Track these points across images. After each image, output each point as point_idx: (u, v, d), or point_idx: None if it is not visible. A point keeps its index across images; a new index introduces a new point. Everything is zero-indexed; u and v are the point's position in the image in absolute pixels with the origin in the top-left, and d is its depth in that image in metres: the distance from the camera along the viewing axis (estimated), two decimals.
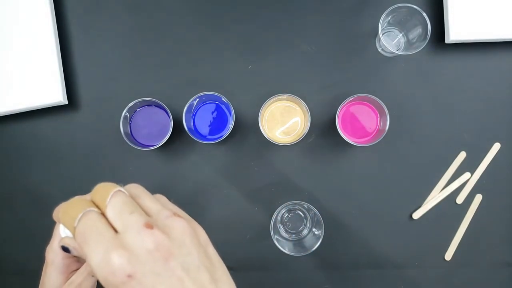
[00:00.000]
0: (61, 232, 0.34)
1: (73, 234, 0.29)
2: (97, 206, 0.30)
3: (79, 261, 0.48)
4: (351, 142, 0.64)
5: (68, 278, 0.43)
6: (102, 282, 0.27)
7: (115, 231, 0.28)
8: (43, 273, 0.45)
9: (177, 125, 0.66)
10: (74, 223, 0.28)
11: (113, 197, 0.29)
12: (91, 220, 0.28)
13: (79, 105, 0.72)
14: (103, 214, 0.29)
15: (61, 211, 0.30)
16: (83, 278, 0.42)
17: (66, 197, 0.75)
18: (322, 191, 0.70)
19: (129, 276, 0.26)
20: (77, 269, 0.44)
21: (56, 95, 0.68)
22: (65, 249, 0.33)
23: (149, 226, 0.28)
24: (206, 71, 0.71)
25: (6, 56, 0.69)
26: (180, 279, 0.27)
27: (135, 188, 0.32)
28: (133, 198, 0.31)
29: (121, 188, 0.30)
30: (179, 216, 0.31)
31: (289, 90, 0.65)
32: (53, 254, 0.41)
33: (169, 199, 0.39)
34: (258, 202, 0.70)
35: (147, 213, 0.30)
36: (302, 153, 0.70)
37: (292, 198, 0.67)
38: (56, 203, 0.74)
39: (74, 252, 0.32)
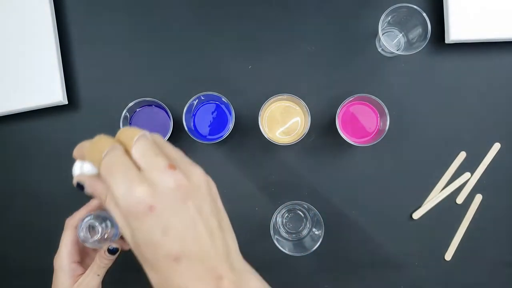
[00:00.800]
0: (76, 170, 0.35)
1: (98, 167, 0.31)
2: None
3: (83, 266, 0.51)
4: (351, 142, 0.64)
5: (75, 281, 0.51)
6: (124, 212, 0.29)
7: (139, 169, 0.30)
8: (53, 279, 0.51)
9: (177, 125, 0.66)
10: (101, 156, 0.30)
11: (139, 139, 0.31)
12: (117, 156, 0.30)
13: (79, 105, 0.72)
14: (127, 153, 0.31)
15: (88, 146, 0.32)
16: (90, 278, 0.51)
17: (66, 197, 0.76)
18: (322, 191, 0.70)
19: (150, 208, 0.29)
20: (83, 273, 0.52)
21: (56, 95, 0.68)
22: (79, 186, 0.34)
23: (172, 167, 0.30)
24: (206, 71, 0.71)
25: (6, 56, 0.69)
26: (193, 219, 0.30)
27: (158, 138, 0.34)
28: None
29: (146, 133, 0.33)
30: (197, 165, 0.33)
31: (289, 90, 0.65)
32: (60, 260, 0.50)
33: None
34: (258, 202, 0.70)
35: (169, 159, 0.31)
36: (302, 153, 0.70)
37: (292, 198, 0.67)
38: (56, 203, 0.74)
39: (88, 189, 0.34)
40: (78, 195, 0.72)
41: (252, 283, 0.33)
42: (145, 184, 0.29)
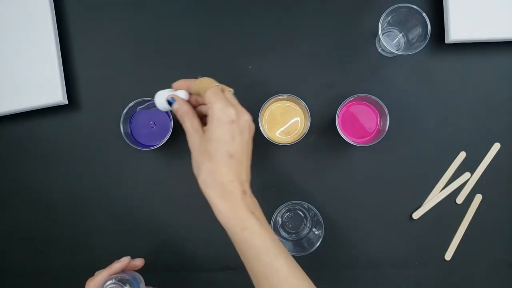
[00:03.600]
0: (164, 93, 0.50)
1: (204, 94, 0.47)
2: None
3: None
4: (351, 142, 0.64)
5: None
6: (217, 119, 0.45)
7: None
8: None
9: (177, 125, 0.66)
10: (206, 87, 0.47)
11: (227, 90, 0.50)
12: (218, 90, 0.47)
13: (79, 105, 0.72)
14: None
15: (197, 81, 0.49)
16: None
17: (66, 197, 0.76)
18: (322, 191, 0.70)
19: (232, 121, 0.46)
20: None
21: (56, 95, 0.68)
22: (169, 102, 0.50)
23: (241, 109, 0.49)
24: (206, 71, 0.70)
25: (6, 56, 0.69)
26: (247, 143, 0.48)
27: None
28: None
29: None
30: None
31: (289, 90, 0.65)
32: (93, 286, 0.56)
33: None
34: (258, 202, 0.70)
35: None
36: (302, 153, 0.70)
37: (292, 198, 0.67)
38: (56, 203, 0.74)
39: (176, 105, 0.49)
40: (78, 195, 0.73)
41: (258, 212, 0.48)
42: (232, 107, 0.46)
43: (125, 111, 0.64)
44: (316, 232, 0.66)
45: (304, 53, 0.70)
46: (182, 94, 0.50)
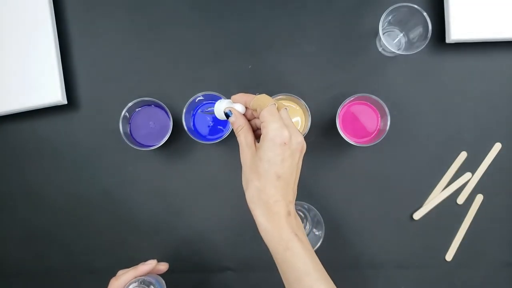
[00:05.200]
0: (224, 104, 0.52)
1: (260, 111, 0.48)
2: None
3: None
4: (351, 142, 0.63)
5: None
6: (270, 139, 0.46)
7: None
8: None
9: (177, 125, 0.66)
10: (263, 105, 0.48)
11: (283, 108, 0.50)
12: (274, 109, 0.48)
13: (79, 105, 0.72)
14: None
15: (256, 98, 0.50)
16: None
17: (65, 197, 0.76)
18: (322, 191, 0.69)
19: (285, 144, 0.46)
20: None
21: (56, 95, 0.68)
22: (227, 114, 0.51)
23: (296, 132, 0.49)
24: (206, 71, 0.71)
25: (5, 56, 0.69)
26: (296, 166, 0.49)
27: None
28: None
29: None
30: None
31: (289, 90, 0.65)
32: (118, 286, 0.56)
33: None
34: None
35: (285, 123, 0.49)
36: None
37: None
38: (56, 203, 0.74)
39: (233, 118, 0.50)
40: (77, 195, 0.72)
41: (302, 234, 0.48)
42: (287, 129, 0.47)
43: (124, 111, 0.64)
44: (317, 233, 0.66)
45: (304, 52, 0.70)
46: (239, 107, 0.51)
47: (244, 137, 0.49)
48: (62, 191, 0.72)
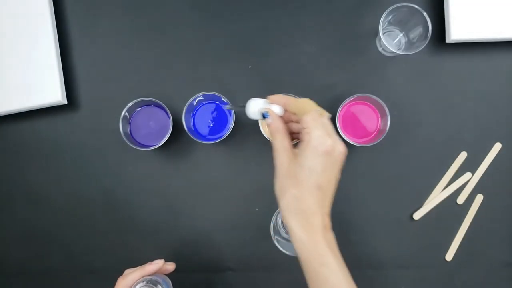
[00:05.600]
0: (260, 103, 0.50)
1: (301, 115, 0.46)
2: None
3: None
4: (351, 142, 0.63)
5: None
6: (313, 146, 0.44)
7: None
8: None
9: (177, 125, 0.66)
10: (305, 110, 0.46)
11: (325, 115, 0.48)
12: (316, 115, 0.46)
13: (79, 105, 0.72)
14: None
15: (298, 101, 0.48)
16: None
17: (65, 197, 0.75)
18: None
19: (328, 152, 0.44)
20: None
21: (56, 95, 0.68)
22: (264, 115, 0.49)
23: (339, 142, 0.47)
24: (206, 71, 0.71)
25: (5, 56, 0.69)
26: (335, 176, 0.46)
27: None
28: None
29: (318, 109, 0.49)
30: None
31: (289, 90, 0.65)
32: (125, 285, 0.56)
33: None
34: (258, 202, 0.70)
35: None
36: None
37: None
38: (56, 203, 0.74)
39: (270, 120, 0.48)
40: (77, 195, 0.73)
41: (335, 248, 0.47)
42: (330, 137, 0.45)
43: (124, 111, 0.64)
44: None
45: (304, 52, 0.70)
46: (277, 109, 0.49)
47: (281, 141, 0.47)
48: (62, 191, 0.72)
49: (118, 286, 0.56)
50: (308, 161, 0.44)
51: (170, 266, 0.61)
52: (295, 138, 0.51)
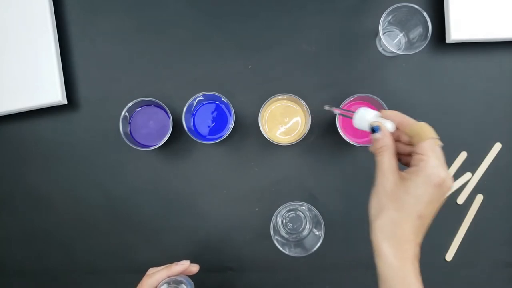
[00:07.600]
0: (371, 115, 0.48)
1: (417, 139, 0.45)
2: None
3: None
4: (351, 142, 0.63)
5: None
6: (426, 175, 0.43)
7: None
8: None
9: (177, 125, 0.66)
10: (429, 136, 0.45)
11: (438, 145, 0.45)
12: (434, 144, 0.45)
13: (79, 105, 0.72)
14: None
15: (418, 124, 0.46)
16: None
17: (65, 197, 0.75)
18: (322, 191, 0.69)
19: (440, 185, 0.43)
20: None
21: (56, 95, 0.68)
22: (373, 129, 0.47)
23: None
24: (206, 71, 0.71)
25: (5, 56, 0.69)
26: (437, 208, 0.45)
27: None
28: None
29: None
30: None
31: (289, 90, 0.65)
32: (150, 284, 0.55)
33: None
34: (258, 202, 0.70)
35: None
36: (302, 153, 0.70)
37: (292, 198, 0.67)
38: (56, 203, 0.74)
39: (379, 135, 0.46)
40: (77, 195, 0.72)
41: (420, 278, 0.47)
42: (445, 172, 0.43)
43: (124, 111, 0.64)
44: (317, 233, 0.66)
45: (304, 52, 0.70)
46: (389, 125, 0.47)
47: (388, 161, 0.46)
48: (62, 191, 0.72)
49: (142, 284, 0.56)
50: (417, 189, 0.43)
51: (195, 268, 0.61)
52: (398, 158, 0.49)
